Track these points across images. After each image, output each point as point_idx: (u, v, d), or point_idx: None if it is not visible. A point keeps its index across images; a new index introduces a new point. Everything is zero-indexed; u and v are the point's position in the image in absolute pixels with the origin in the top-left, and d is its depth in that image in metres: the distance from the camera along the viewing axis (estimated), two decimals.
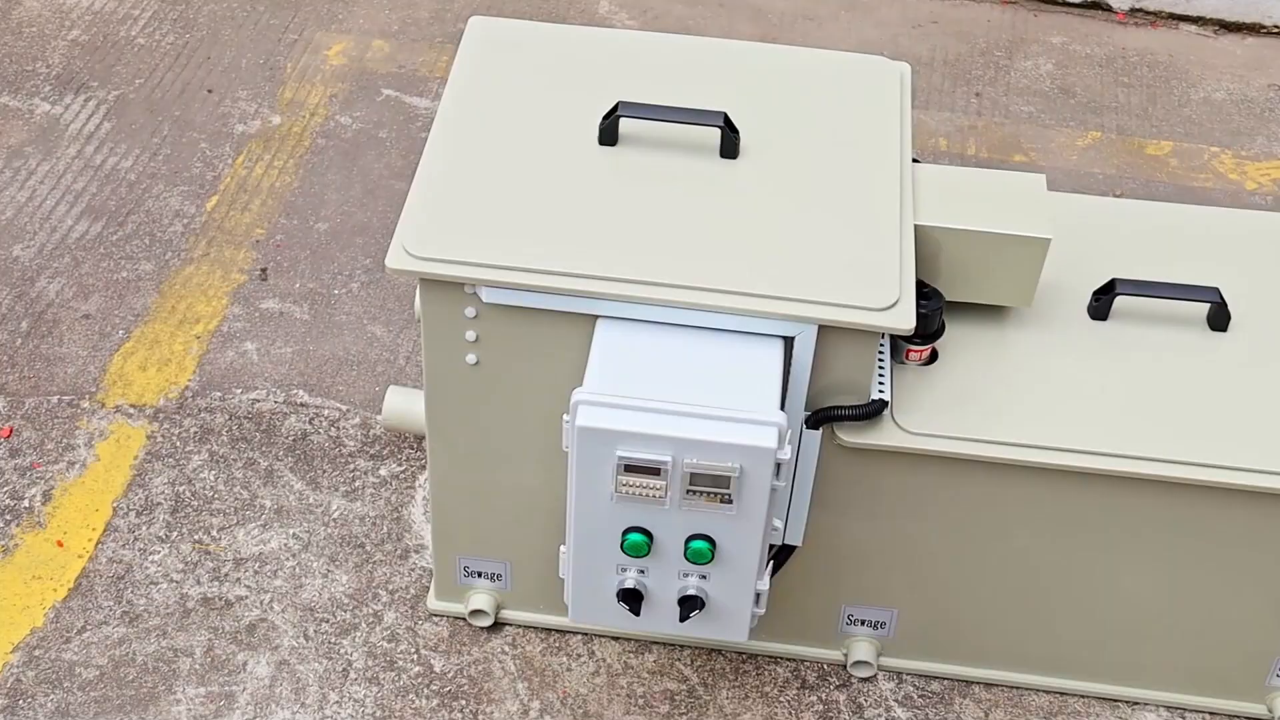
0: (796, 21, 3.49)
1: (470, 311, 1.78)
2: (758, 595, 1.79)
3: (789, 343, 1.73)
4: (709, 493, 1.66)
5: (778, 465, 1.65)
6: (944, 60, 3.39)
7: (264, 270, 2.74)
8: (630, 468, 1.65)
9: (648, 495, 1.67)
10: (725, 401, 1.65)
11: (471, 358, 1.83)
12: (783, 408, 1.73)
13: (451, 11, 3.43)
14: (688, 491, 1.66)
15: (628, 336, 1.73)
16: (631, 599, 1.78)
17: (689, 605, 1.78)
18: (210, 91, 3.15)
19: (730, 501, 1.67)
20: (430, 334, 1.82)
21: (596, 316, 1.74)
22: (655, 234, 1.77)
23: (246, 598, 2.19)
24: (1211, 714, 2.10)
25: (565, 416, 1.68)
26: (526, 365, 1.82)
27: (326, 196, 2.91)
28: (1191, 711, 2.10)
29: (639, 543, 1.72)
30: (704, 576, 1.76)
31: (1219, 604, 1.97)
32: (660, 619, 1.81)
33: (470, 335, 1.81)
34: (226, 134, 3.04)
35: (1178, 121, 3.25)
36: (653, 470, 1.65)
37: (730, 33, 3.42)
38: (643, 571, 1.77)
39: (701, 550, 1.71)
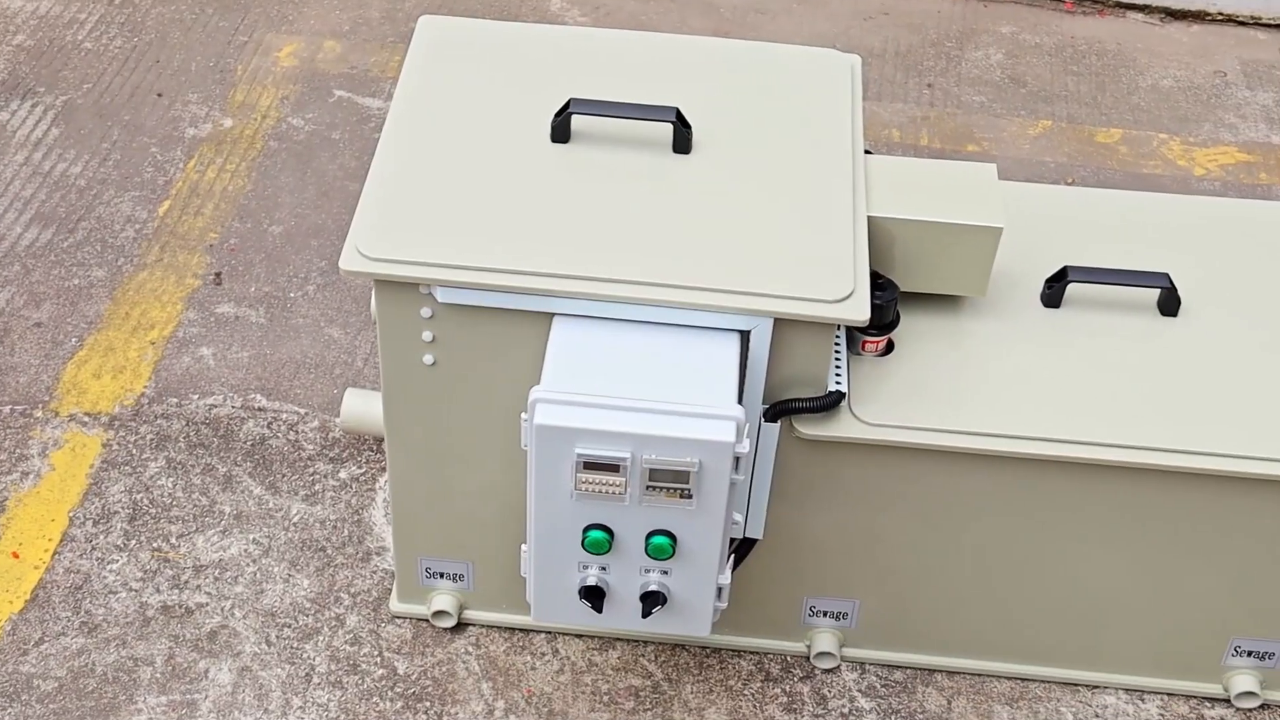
0: (748, 15, 3.49)
1: (426, 312, 1.78)
2: (719, 589, 1.80)
3: (745, 336, 1.74)
4: (669, 488, 1.66)
5: (736, 459, 1.65)
6: (895, 52, 3.41)
7: (218, 274, 2.72)
8: (589, 465, 1.65)
9: (607, 492, 1.67)
10: (683, 396, 1.65)
11: (428, 358, 1.82)
12: (740, 401, 1.73)
13: (403, 11, 3.42)
14: (647, 487, 1.66)
15: (584, 334, 1.72)
16: (594, 596, 1.78)
17: (651, 601, 1.78)
18: (160, 95, 3.12)
19: (690, 496, 1.67)
20: (386, 335, 1.81)
21: (553, 314, 1.74)
22: (609, 231, 1.77)
23: (207, 604, 2.18)
24: (1170, 695, 2.12)
25: (523, 415, 1.68)
26: (484, 364, 1.82)
27: (280, 199, 2.89)
28: (1150, 693, 2.12)
29: (600, 540, 1.72)
30: (665, 572, 1.76)
31: (1176, 586, 1.98)
32: (623, 615, 1.81)
33: (426, 336, 1.80)
34: (177, 138, 3.02)
35: (1127, 109, 3.28)
36: (612, 467, 1.65)
37: (682, 27, 3.42)
38: (604, 568, 1.77)
39: (662, 546, 1.71)
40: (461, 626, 2.16)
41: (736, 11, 3.50)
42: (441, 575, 2.11)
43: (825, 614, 2.09)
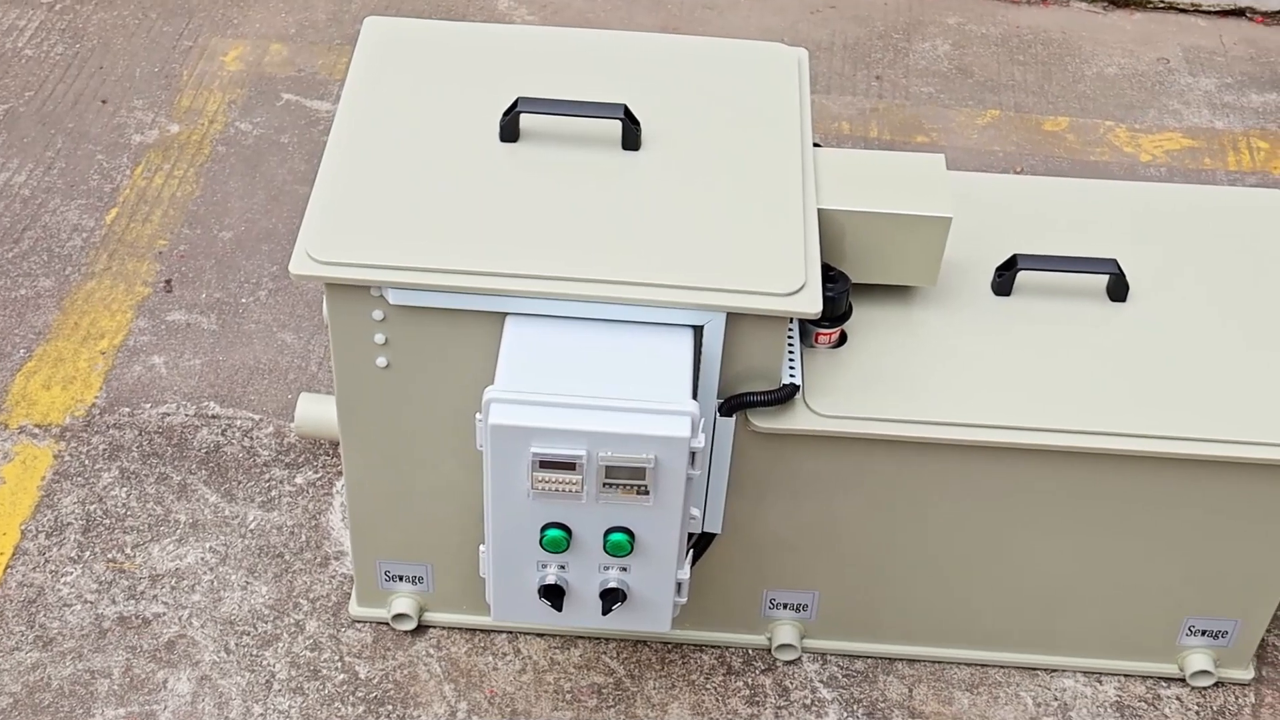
0: (697, 10, 3.50)
1: (378, 314, 1.77)
2: (679, 584, 1.80)
3: (698, 331, 1.74)
4: (625, 485, 1.66)
5: (692, 454, 1.65)
6: (844, 44, 3.42)
7: (169, 282, 2.70)
8: (545, 464, 1.64)
9: (564, 490, 1.67)
10: (637, 393, 1.65)
11: (381, 360, 1.82)
12: (695, 397, 1.73)
13: (349, 13, 3.40)
14: (604, 485, 1.66)
15: (537, 332, 1.72)
16: (553, 595, 1.78)
17: (611, 598, 1.78)
18: (104, 102, 3.09)
19: (647, 493, 1.67)
20: (338, 338, 1.81)
21: (505, 314, 1.74)
22: (560, 229, 1.77)
23: (164, 614, 2.16)
24: (1127, 676, 2.14)
25: (478, 415, 1.67)
26: (437, 365, 1.81)
27: (230, 204, 2.87)
28: (1108, 675, 2.14)
29: (558, 538, 1.71)
30: (624, 569, 1.76)
31: (1130, 569, 2.00)
32: (583, 613, 1.81)
33: (379, 338, 1.79)
34: (123, 145, 2.99)
35: (1073, 97, 3.30)
36: (568, 465, 1.64)
37: (630, 24, 3.42)
38: (563, 567, 1.77)
39: (621, 543, 1.71)
40: (422, 629, 2.15)
41: (684, 7, 3.50)
42: (401, 578, 2.10)
43: (785, 606, 2.10)
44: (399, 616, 2.12)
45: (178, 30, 3.31)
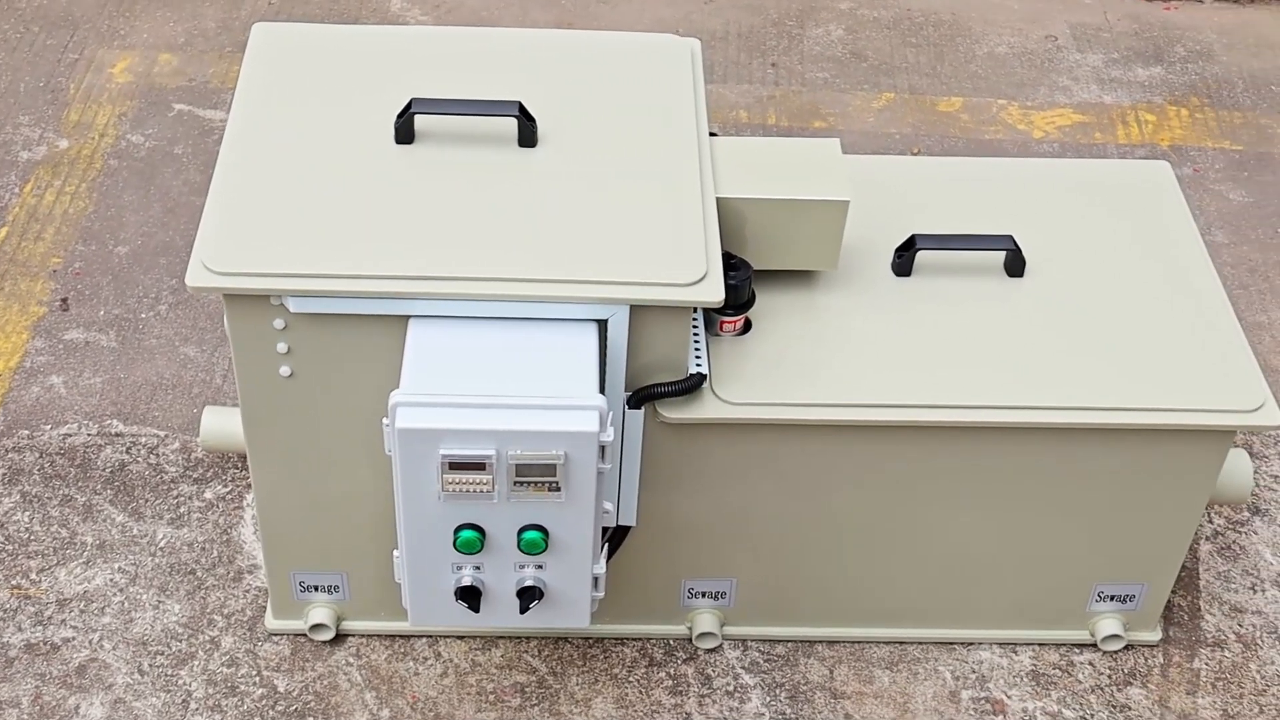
0: (590, 5, 3.50)
1: (279, 323, 1.75)
2: (595, 579, 1.80)
3: (603, 325, 1.74)
4: (536, 482, 1.66)
5: (602, 448, 1.65)
6: (738, 33, 3.44)
7: (64, 300, 2.65)
8: (455, 465, 1.64)
9: (475, 491, 1.66)
10: (544, 390, 1.65)
11: (285, 369, 1.80)
12: (602, 390, 1.74)
13: (238, 20, 3.36)
14: (515, 483, 1.66)
15: (441, 333, 1.71)
16: (470, 596, 1.77)
17: (528, 596, 1.78)
18: None
19: (558, 489, 1.67)
20: (240, 349, 1.78)
21: (408, 316, 1.73)
22: (459, 229, 1.76)
23: (74, 639, 2.12)
24: (1041, 645, 2.18)
25: (385, 420, 1.66)
26: (342, 372, 1.80)
27: (125, 219, 2.82)
28: (1023, 645, 2.18)
29: (471, 539, 1.71)
30: (540, 566, 1.76)
31: (1039, 540, 2.04)
32: (500, 613, 1.80)
33: (281, 347, 1.77)
34: (10, 162, 2.93)
35: (965, 77, 3.35)
36: (478, 465, 1.64)
37: (525, 21, 3.41)
38: (478, 567, 1.76)
39: (535, 540, 1.71)
40: (341, 638, 2.13)
41: (578, 3, 3.50)
42: (316, 588, 2.08)
43: (704, 595, 2.11)
44: (316, 627, 2.10)
45: (61, 43, 3.25)
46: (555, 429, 1.63)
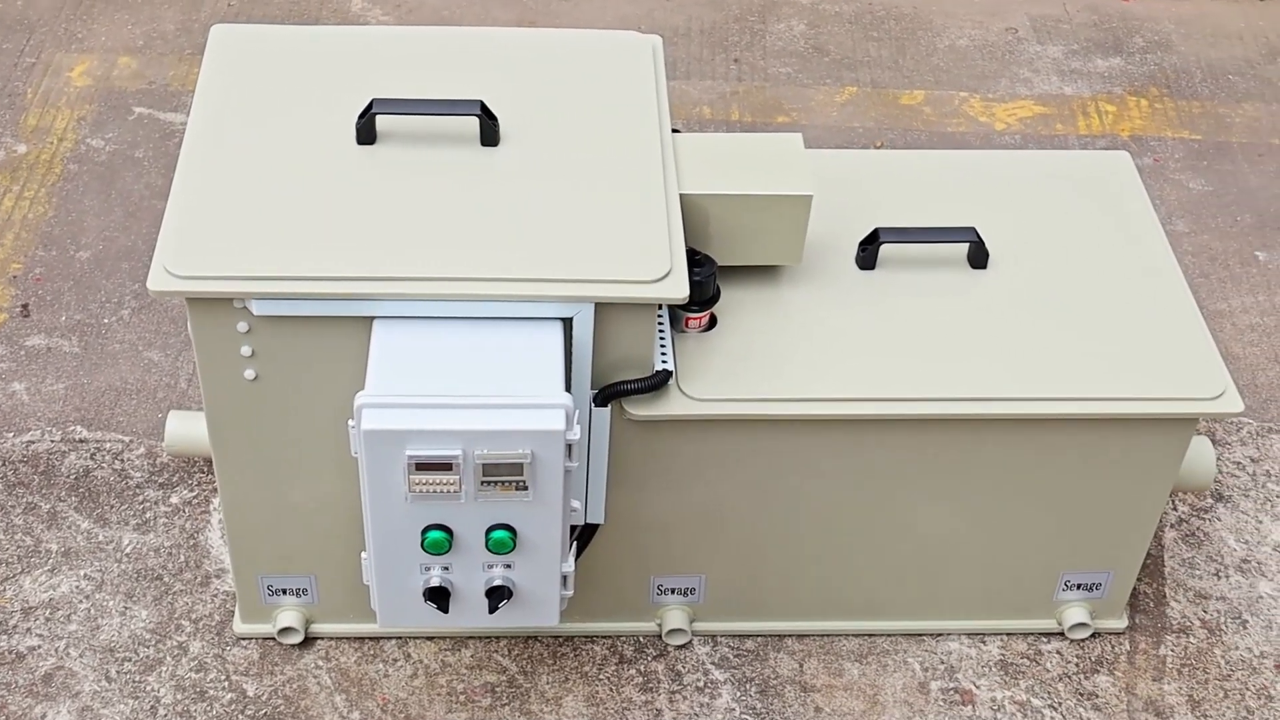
0: (552, 3, 3.49)
1: (243, 326, 1.74)
2: (564, 578, 1.80)
3: (568, 323, 1.74)
4: (504, 482, 1.66)
5: (569, 446, 1.65)
6: (700, 29, 3.44)
7: (25, 306, 2.63)
8: (421, 466, 1.63)
9: (442, 491, 1.66)
10: (510, 389, 1.65)
11: (250, 373, 1.79)
12: (569, 388, 1.73)
13: (198, 22, 3.34)
14: (482, 483, 1.66)
15: (406, 334, 1.71)
16: (438, 597, 1.77)
17: (497, 596, 1.77)
18: None
19: (526, 488, 1.67)
20: (203, 353, 1.77)
21: (372, 318, 1.72)
22: (421, 229, 1.75)
23: (39, 647, 2.11)
24: (1009, 634, 2.19)
25: (351, 422, 1.66)
26: (307, 374, 1.79)
27: (85, 223, 2.80)
28: (991, 635, 2.19)
29: (439, 540, 1.70)
30: (509, 565, 1.76)
31: (1006, 530, 2.05)
32: (470, 613, 1.80)
33: (245, 350, 1.76)
34: None
35: (927, 70, 3.36)
36: (445, 466, 1.63)
37: (486, 20, 3.40)
38: (447, 568, 1.76)
39: (503, 540, 1.71)
40: (310, 641, 2.13)
41: (539, 1, 3.49)
42: (284, 591, 2.07)
43: (673, 591, 2.11)
44: (285, 630, 2.09)
45: (18, 47, 3.22)
46: (521, 428, 1.62)
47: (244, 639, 2.12)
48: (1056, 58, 3.41)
